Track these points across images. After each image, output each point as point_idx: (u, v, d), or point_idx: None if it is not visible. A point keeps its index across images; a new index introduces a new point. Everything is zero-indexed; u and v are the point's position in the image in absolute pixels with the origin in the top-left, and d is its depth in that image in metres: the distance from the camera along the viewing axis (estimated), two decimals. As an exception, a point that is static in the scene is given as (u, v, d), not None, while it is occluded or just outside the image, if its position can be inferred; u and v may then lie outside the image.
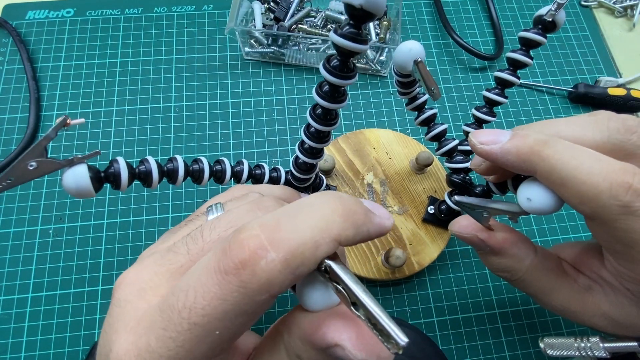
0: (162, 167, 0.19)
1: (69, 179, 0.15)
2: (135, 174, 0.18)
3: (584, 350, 0.21)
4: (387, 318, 0.12)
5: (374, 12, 0.15)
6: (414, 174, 0.33)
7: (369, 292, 0.12)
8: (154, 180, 0.18)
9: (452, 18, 0.43)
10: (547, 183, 0.17)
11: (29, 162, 0.15)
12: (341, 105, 0.19)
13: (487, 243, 0.21)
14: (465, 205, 0.21)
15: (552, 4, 0.21)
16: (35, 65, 0.38)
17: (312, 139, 0.21)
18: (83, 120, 0.18)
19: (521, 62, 0.23)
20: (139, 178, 0.18)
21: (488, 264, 0.22)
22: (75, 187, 0.15)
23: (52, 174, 0.33)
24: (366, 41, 0.16)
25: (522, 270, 0.21)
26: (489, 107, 0.25)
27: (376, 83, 0.39)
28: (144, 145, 0.35)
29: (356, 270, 0.30)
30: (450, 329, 0.30)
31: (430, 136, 0.27)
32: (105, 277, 0.31)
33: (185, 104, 0.37)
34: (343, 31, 0.16)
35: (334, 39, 0.16)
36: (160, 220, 0.33)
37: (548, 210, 0.17)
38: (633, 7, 0.44)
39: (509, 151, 0.17)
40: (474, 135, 0.19)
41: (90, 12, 0.41)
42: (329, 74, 0.17)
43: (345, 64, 0.17)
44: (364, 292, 0.12)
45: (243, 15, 0.38)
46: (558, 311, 0.21)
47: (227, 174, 0.22)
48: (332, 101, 0.18)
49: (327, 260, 0.13)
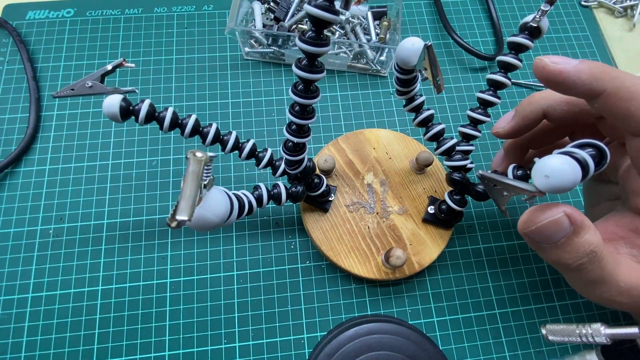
0: (177, 119, 0.22)
1: (106, 103, 0.20)
2: (155, 116, 0.21)
3: (586, 336, 0.21)
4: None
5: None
6: (414, 174, 0.33)
7: None
8: (165, 125, 0.22)
9: (452, 18, 0.43)
10: (614, 100, 0.19)
11: (87, 82, 0.22)
12: (318, 77, 0.20)
13: (574, 218, 0.19)
14: (489, 181, 0.21)
15: (537, 11, 0.22)
16: (35, 65, 0.38)
17: (295, 115, 0.23)
18: (134, 65, 0.24)
19: (512, 64, 0.23)
20: (157, 120, 0.22)
21: (568, 255, 0.19)
22: (107, 111, 0.20)
23: (53, 175, 0.33)
24: (338, 12, 0.17)
25: (600, 243, 0.19)
26: (484, 108, 0.25)
27: (376, 83, 0.39)
28: (144, 145, 0.35)
29: (356, 270, 0.30)
30: (450, 329, 0.30)
31: (429, 136, 0.27)
32: (105, 277, 0.31)
33: (185, 104, 0.37)
34: (317, 2, 0.17)
35: (307, 9, 0.17)
36: (161, 220, 0.33)
37: (567, 186, 0.17)
38: (633, 7, 0.44)
39: (582, 70, 0.19)
40: (544, 57, 0.20)
41: (90, 12, 0.41)
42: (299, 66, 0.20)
43: (314, 60, 0.19)
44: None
45: (243, 15, 0.38)
46: (622, 292, 0.20)
47: (231, 142, 0.24)
48: (309, 72, 0.20)
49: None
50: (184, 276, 0.31)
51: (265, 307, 0.30)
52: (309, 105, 0.22)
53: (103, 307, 0.30)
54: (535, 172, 0.18)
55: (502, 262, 0.33)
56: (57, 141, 0.35)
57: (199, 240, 0.32)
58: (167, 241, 0.32)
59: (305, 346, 0.29)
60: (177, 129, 0.23)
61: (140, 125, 0.21)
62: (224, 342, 0.29)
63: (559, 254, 0.20)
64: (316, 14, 0.17)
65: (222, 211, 0.21)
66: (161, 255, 0.31)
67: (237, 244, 0.32)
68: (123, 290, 0.30)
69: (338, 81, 0.39)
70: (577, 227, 0.19)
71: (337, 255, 0.30)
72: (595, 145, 0.18)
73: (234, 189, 0.34)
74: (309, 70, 0.20)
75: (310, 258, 0.32)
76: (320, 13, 0.17)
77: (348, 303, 0.31)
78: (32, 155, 0.34)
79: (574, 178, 0.17)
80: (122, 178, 0.34)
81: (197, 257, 0.32)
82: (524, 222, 0.20)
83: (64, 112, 0.36)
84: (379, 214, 0.31)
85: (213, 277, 0.31)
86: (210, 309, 0.30)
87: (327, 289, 0.31)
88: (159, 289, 0.31)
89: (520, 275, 0.32)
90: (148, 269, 0.31)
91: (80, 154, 0.35)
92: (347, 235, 0.31)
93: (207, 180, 0.19)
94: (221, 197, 0.21)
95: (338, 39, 0.39)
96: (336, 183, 0.32)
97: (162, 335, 0.29)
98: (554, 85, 0.20)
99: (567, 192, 0.35)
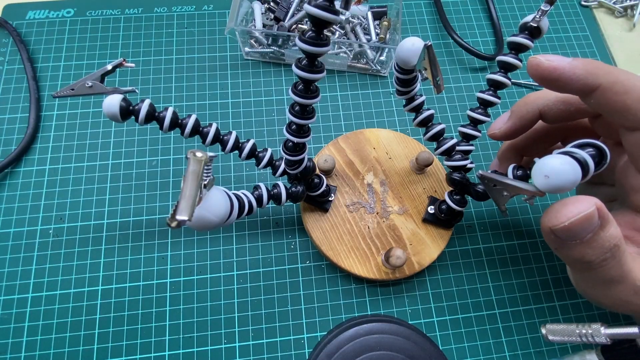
0: (177, 119, 0.22)
1: (106, 102, 0.20)
2: (154, 116, 0.21)
3: (585, 336, 0.21)
4: None
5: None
6: (414, 174, 0.33)
7: None
8: (165, 125, 0.22)
9: (452, 18, 0.43)
10: (610, 94, 0.19)
11: (87, 82, 0.21)
12: (319, 77, 0.20)
13: (602, 211, 0.18)
14: (489, 181, 0.21)
15: (537, 11, 0.22)
16: (35, 65, 0.38)
17: (295, 115, 0.22)
18: (133, 65, 0.24)
19: (512, 64, 0.23)
20: (157, 119, 0.22)
21: (593, 251, 0.18)
22: (107, 111, 0.20)
23: (53, 174, 0.33)
24: (337, 12, 0.17)
25: (621, 236, 0.18)
26: (484, 108, 0.26)
27: (376, 83, 0.39)
28: (144, 145, 0.35)
29: (356, 270, 0.30)
30: (450, 329, 0.30)
31: (429, 136, 0.27)
32: (105, 277, 0.31)
33: (185, 104, 0.37)
34: (317, 2, 0.17)
35: (307, 9, 0.17)
36: (160, 220, 0.33)
37: (567, 186, 0.17)
38: (633, 7, 0.44)
39: (576, 66, 0.20)
40: (539, 55, 0.20)
41: (90, 12, 0.41)
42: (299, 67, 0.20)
43: (314, 60, 0.19)
44: None
45: (243, 15, 0.38)
46: (637, 292, 0.19)
47: (231, 142, 0.24)
48: (309, 71, 0.20)
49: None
50: (184, 276, 0.31)
51: (265, 307, 0.30)
52: (309, 105, 0.22)
53: (103, 307, 0.30)
54: (535, 172, 0.18)
55: (502, 262, 0.33)
56: (57, 141, 0.35)
57: (199, 240, 0.32)
58: (167, 241, 0.32)
59: (305, 346, 0.29)
60: (177, 129, 0.23)
61: (140, 125, 0.21)
62: (224, 342, 0.29)
63: (583, 250, 0.18)
64: (316, 14, 0.17)
65: (222, 211, 0.21)
66: (161, 255, 0.31)
67: (237, 244, 0.32)
68: (123, 290, 0.30)
69: (338, 81, 0.39)
70: (604, 220, 0.18)
71: (337, 255, 0.30)
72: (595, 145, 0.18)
73: (233, 188, 0.34)
74: (309, 70, 0.20)
75: (310, 258, 0.32)
76: (320, 13, 0.17)
77: (348, 303, 0.31)
78: (32, 155, 0.34)
79: (574, 178, 0.17)
80: (122, 178, 0.34)
81: (197, 257, 0.32)
82: (552, 219, 0.18)
83: (64, 112, 0.36)
84: (379, 214, 0.31)
85: (213, 277, 0.31)
86: (210, 309, 0.30)
87: (327, 289, 0.31)
88: (159, 289, 0.31)
89: (520, 275, 0.32)
90: (148, 269, 0.31)
91: (80, 154, 0.35)
92: (347, 235, 0.31)
93: (207, 180, 0.19)
94: (221, 197, 0.21)
95: (338, 39, 0.39)
96: (336, 183, 0.32)
97: (162, 335, 0.29)
98: (550, 82, 0.21)
99: (567, 193, 0.35)
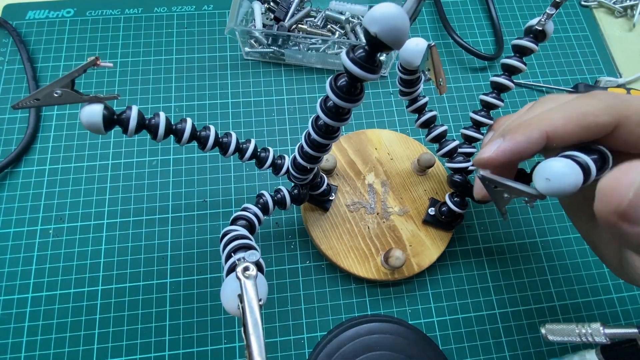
0: (171, 125, 0.20)
1: (85, 113, 0.17)
2: (145, 124, 0.19)
3: (585, 336, 0.21)
4: None
5: (389, 44, 0.14)
6: (415, 175, 0.33)
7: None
8: (159, 134, 0.19)
9: (452, 18, 0.43)
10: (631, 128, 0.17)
11: (55, 90, 0.17)
12: (344, 123, 0.19)
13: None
14: (490, 183, 0.21)
15: (542, 15, 0.22)
16: (35, 65, 0.38)
17: (311, 147, 0.21)
18: (111, 65, 0.19)
19: (516, 67, 0.24)
20: (148, 129, 0.19)
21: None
22: (87, 122, 0.17)
23: (53, 174, 0.33)
24: (376, 70, 0.15)
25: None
26: (486, 111, 0.26)
27: (376, 83, 0.39)
28: (144, 145, 0.35)
29: (355, 270, 0.30)
30: (450, 329, 0.30)
31: (431, 137, 0.27)
32: (105, 277, 0.31)
33: (185, 104, 0.37)
34: (354, 55, 0.15)
35: (343, 60, 0.15)
36: (160, 220, 0.33)
37: (568, 189, 0.16)
38: (633, 7, 0.44)
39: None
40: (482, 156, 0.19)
41: (90, 12, 0.41)
42: (333, 93, 0.17)
43: (353, 86, 0.16)
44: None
45: (243, 15, 0.38)
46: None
47: (232, 145, 0.22)
48: (335, 119, 0.18)
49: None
50: (184, 276, 0.31)
51: (265, 307, 0.30)
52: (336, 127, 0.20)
53: (103, 307, 0.30)
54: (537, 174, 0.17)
55: (502, 262, 0.33)
56: (57, 141, 0.35)
57: (199, 240, 0.32)
58: (167, 241, 0.32)
59: (305, 346, 0.29)
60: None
61: (128, 136, 0.19)
62: (224, 342, 0.29)
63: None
64: (350, 69, 0.15)
65: (265, 291, 0.19)
66: (161, 255, 0.31)
67: (237, 244, 0.32)
68: (123, 290, 0.30)
69: (338, 81, 0.39)
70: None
71: (337, 254, 0.30)
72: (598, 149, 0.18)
73: (233, 188, 0.34)
74: (347, 99, 0.17)
75: (310, 258, 0.32)
76: (354, 70, 0.15)
77: (348, 303, 0.31)
78: (32, 155, 0.34)
79: (575, 181, 0.16)
80: (122, 178, 0.34)
81: (197, 257, 0.32)
82: (612, 199, 0.14)
83: (64, 112, 0.36)
84: (379, 215, 0.31)
85: (213, 277, 0.31)
86: (210, 309, 0.30)
87: (327, 289, 0.31)
88: (159, 289, 0.30)
89: (520, 275, 0.32)
90: (148, 269, 0.31)
91: (80, 154, 0.35)
92: (347, 235, 0.31)
93: (261, 301, 0.17)
94: (263, 283, 0.19)
95: (338, 38, 0.39)
96: (337, 182, 0.32)
97: (162, 335, 0.29)
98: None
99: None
